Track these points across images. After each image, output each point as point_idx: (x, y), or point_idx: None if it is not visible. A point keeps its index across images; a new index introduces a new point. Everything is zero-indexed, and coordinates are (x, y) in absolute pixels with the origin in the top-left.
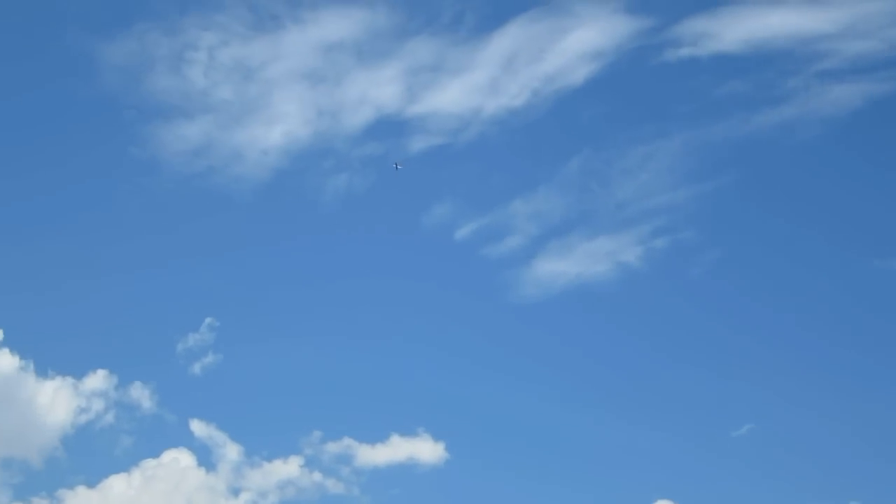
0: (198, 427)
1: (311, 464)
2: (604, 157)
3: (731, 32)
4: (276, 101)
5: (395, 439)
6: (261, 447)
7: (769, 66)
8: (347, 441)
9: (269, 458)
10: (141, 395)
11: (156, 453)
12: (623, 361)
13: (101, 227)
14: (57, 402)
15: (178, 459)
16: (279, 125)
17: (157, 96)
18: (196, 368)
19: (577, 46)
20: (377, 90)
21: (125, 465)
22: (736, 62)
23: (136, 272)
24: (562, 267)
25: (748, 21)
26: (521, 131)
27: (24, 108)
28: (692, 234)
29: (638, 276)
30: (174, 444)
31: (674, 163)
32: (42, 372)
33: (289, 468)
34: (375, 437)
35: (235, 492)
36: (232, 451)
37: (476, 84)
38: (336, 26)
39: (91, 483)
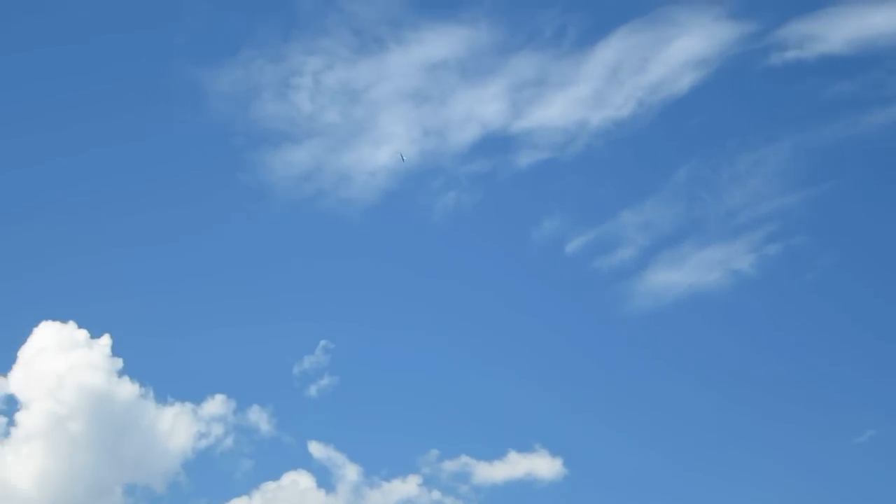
0: (316, 448)
1: (429, 482)
2: (712, 165)
3: (836, 33)
4: (382, 123)
5: (513, 456)
6: (379, 467)
7: (877, 65)
8: (465, 459)
9: (388, 478)
10: (259, 418)
11: (275, 476)
12: (739, 370)
13: (212, 254)
14: (177, 428)
15: (298, 481)
16: (386, 146)
17: (265, 122)
18: (312, 390)
19: (680, 55)
20: (482, 107)
21: (245, 488)
22: (843, 63)
23: (250, 298)
24: (674, 277)
25: (854, 21)
26: (628, 142)
27: (132, 139)
28: (805, 239)
29: (752, 283)
30: (293, 467)
31: (784, 167)
32: (162, 398)
33: (407, 487)
34: (492, 454)
35: None
36: (351, 472)
37: (581, 97)
38: (439, 45)
39: None
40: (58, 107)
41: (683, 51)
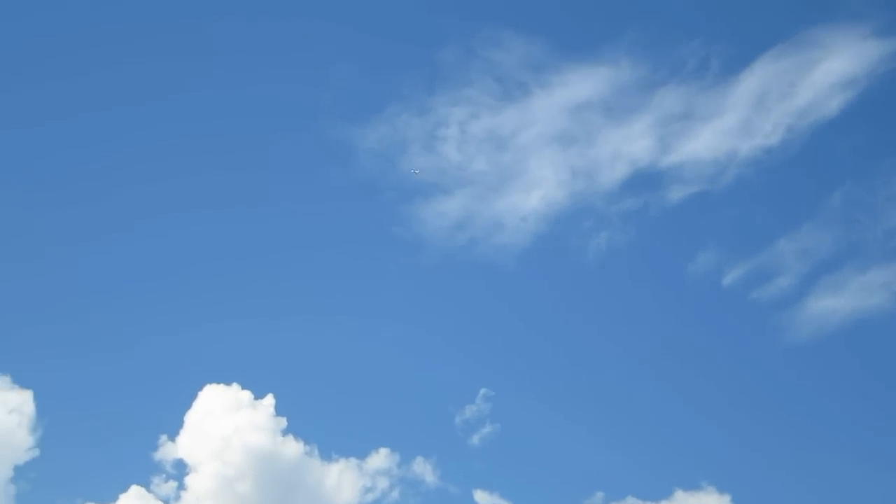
0: (482, 497)
1: None
2: (867, 186)
3: None
4: (530, 167)
5: (679, 494)
6: None
7: None
8: (631, 500)
9: None
10: (423, 469)
11: None
12: None
13: (371, 309)
14: (343, 484)
15: None
16: (536, 190)
17: (414, 175)
18: (475, 439)
19: (828, 77)
20: (629, 145)
21: None
22: None
23: (410, 350)
24: (835, 303)
25: None
26: (779, 169)
27: (284, 200)
28: None
29: None
30: None
31: None
32: (326, 455)
33: None
34: (659, 493)
35: None
36: None
37: (728, 127)
38: (582, 86)
39: None
40: (210, 168)
41: (830, 72)
